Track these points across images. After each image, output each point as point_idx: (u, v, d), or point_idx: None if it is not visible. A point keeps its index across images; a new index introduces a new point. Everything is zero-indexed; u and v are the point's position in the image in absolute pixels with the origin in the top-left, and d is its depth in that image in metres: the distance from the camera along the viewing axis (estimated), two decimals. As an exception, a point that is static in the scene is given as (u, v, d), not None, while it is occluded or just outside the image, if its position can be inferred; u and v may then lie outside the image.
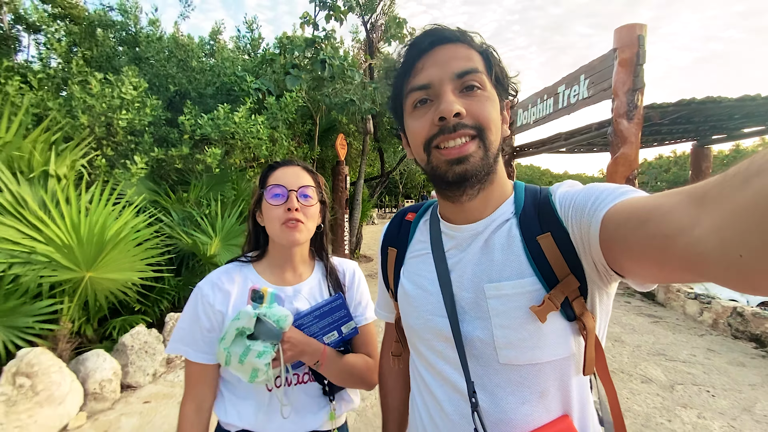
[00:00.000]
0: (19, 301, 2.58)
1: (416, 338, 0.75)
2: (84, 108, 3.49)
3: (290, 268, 1.04)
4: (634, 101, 6.21)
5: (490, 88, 0.63)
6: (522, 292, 0.60)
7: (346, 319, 1.00)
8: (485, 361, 0.63)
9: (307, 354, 0.92)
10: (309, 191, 0.99)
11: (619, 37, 6.40)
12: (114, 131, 3.99)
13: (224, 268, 1.04)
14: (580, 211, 0.56)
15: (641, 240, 0.45)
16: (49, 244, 2.66)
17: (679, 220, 0.39)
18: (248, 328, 0.85)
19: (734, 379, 3.40)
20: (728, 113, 7.09)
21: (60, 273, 2.72)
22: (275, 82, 5.61)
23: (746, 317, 4.21)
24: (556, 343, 0.60)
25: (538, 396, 0.61)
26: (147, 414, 2.82)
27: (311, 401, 1.00)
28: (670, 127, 8.25)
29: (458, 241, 0.69)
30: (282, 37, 5.99)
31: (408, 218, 0.83)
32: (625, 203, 0.50)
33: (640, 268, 0.49)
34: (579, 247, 0.57)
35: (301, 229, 0.97)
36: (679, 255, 0.39)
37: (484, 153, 0.61)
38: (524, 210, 0.65)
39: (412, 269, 0.76)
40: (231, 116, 4.20)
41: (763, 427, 2.69)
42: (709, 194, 0.37)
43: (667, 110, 6.47)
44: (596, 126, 7.54)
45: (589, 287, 0.59)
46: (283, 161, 1.05)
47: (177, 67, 5.19)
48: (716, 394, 3.13)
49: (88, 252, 2.77)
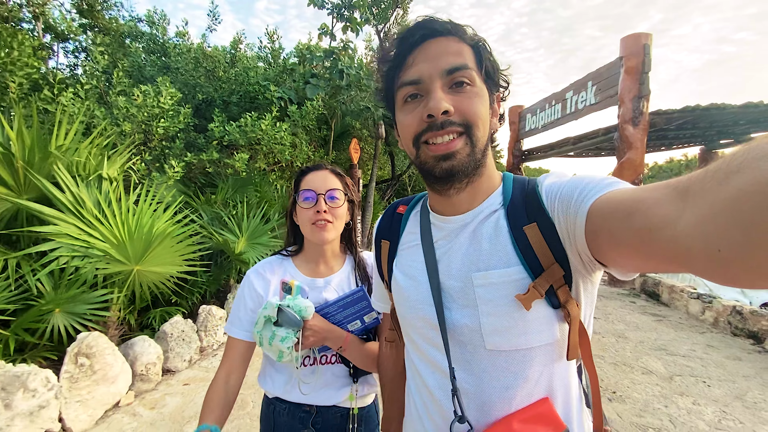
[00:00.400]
0: (79, 291, 2.90)
1: (408, 326, 0.77)
2: (127, 116, 3.83)
3: (323, 262, 1.15)
4: (639, 108, 6.42)
5: (480, 83, 0.64)
6: (508, 281, 0.62)
7: (368, 309, 1.06)
8: (473, 347, 0.65)
9: (330, 340, 1.03)
10: (336, 194, 1.09)
11: (625, 45, 6.63)
12: (150, 137, 4.33)
13: (269, 259, 1.18)
14: (566, 203, 0.57)
15: (626, 233, 0.46)
16: (105, 241, 2.99)
17: (663, 214, 0.40)
18: (272, 317, 0.98)
19: (730, 371, 3.61)
20: (733, 119, 7.25)
21: (113, 266, 3.04)
22: (295, 91, 5.94)
23: (745, 315, 4.41)
24: (541, 330, 0.62)
25: (522, 380, 0.63)
26: (187, 394, 3.12)
27: (336, 380, 1.11)
28: (676, 132, 8.42)
29: (447, 232, 0.71)
30: (302, 48, 6.32)
31: (399, 211, 0.85)
32: (610, 195, 0.51)
33: (624, 259, 0.50)
34: (564, 238, 0.59)
35: (329, 229, 1.07)
36: (663, 248, 0.40)
37: (471, 149, 0.63)
38: (512, 201, 0.66)
39: (403, 260, 0.79)
40: (258, 124, 4.52)
41: (752, 412, 2.90)
42: (692, 189, 0.37)
43: (672, 116, 6.66)
44: (603, 131, 7.75)
45: (574, 276, 0.61)
46: (313, 166, 1.14)
47: (204, 77, 5.53)
48: (711, 384, 3.34)
49: (138, 247, 3.09)
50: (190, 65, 5.56)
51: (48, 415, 2.47)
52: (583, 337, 0.63)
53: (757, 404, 3.03)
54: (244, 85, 5.73)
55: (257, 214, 4.90)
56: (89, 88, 3.96)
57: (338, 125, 8.24)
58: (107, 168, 3.29)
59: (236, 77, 5.66)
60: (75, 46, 7.69)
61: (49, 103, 3.68)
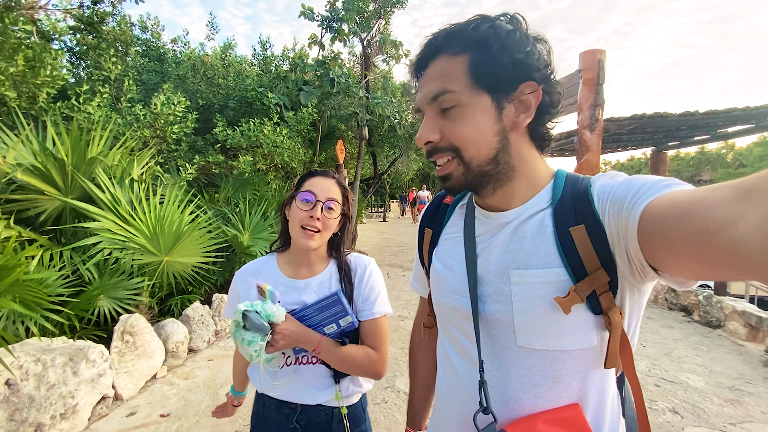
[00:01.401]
0: (120, 279, 3.32)
1: (443, 314, 0.79)
2: (145, 123, 4.21)
3: (305, 264, 1.16)
4: (595, 115, 7.28)
5: (470, 99, 0.61)
6: (547, 282, 0.61)
7: (343, 314, 1.07)
8: (503, 342, 0.65)
9: (302, 343, 1.05)
10: (333, 205, 1.10)
11: (583, 60, 7.46)
12: (164, 142, 4.71)
13: (256, 260, 1.23)
14: (619, 204, 0.55)
15: (682, 235, 0.43)
16: (140, 235, 3.41)
17: (723, 215, 0.38)
18: (239, 321, 1.01)
19: (662, 336, 4.42)
20: (675, 125, 8.28)
21: (146, 257, 3.47)
22: (288, 97, 6.40)
23: (678, 292, 5.28)
24: (578, 335, 0.60)
25: (551, 381, 0.62)
26: (213, 367, 3.60)
27: (319, 380, 1.12)
28: (629, 136, 9.44)
29: (489, 227, 0.71)
30: (295, 57, 6.78)
31: (446, 201, 0.86)
32: (667, 196, 0.49)
33: (679, 264, 0.48)
34: (614, 241, 0.57)
35: (315, 238, 1.08)
36: (721, 251, 0.38)
37: (465, 169, 0.63)
38: (561, 200, 0.64)
39: (443, 250, 0.79)
40: (260, 129, 4.98)
41: (676, 364, 3.68)
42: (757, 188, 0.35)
43: (623, 123, 7.58)
44: (565, 135, 8.61)
45: (620, 283, 0.59)
46: (322, 171, 1.16)
47: (203, 83, 5.91)
48: (647, 346, 4.13)
49: (168, 240, 3.53)
50: (189, 72, 5.92)
51: (104, 382, 2.90)
52: (624, 346, 0.61)
53: (681, 359, 3.82)
54: (241, 91, 6.14)
55: (258, 212, 5.36)
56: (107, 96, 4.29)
57: (325, 127, 8.73)
58: (134, 170, 3.69)
59: (234, 84, 6.07)
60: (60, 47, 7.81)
61: (71, 109, 4.03)
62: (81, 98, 3.88)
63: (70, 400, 2.64)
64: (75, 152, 3.17)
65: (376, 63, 9.38)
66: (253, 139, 5.03)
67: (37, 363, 2.50)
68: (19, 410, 2.35)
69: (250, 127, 5.02)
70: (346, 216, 1.18)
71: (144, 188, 3.64)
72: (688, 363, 3.70)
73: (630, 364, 0.61)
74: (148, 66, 6.44)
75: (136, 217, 3.46)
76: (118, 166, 3.59)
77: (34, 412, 2.42)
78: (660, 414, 2.84)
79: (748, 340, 4.18)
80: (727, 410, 2.88)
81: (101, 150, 3.49)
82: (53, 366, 2.58)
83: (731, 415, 2.81)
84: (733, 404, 2.96)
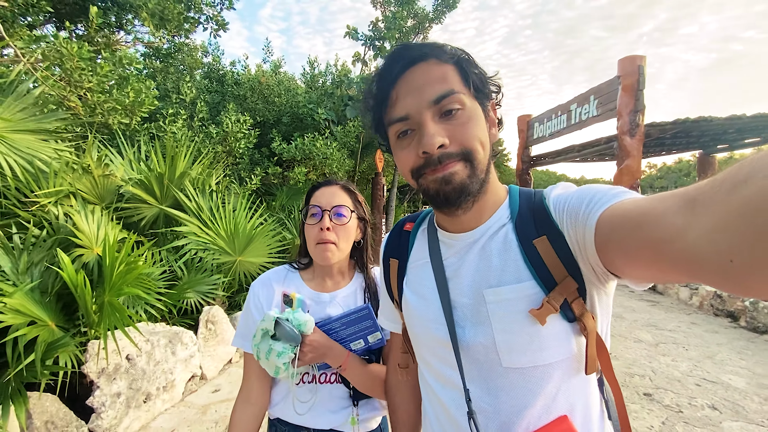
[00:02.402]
0: (203, 276, 3.86)
1: (422, 346, 0.76)
2: (218, 140, 4.82)
3: (329, 278, 1.11)
4: (635, 121, 7.29)
5: (471, 103, 0.62)
6: (521, 296, 0.61)
7: (373, 329, 1.02)
8: (489, 366, 0.64)
9: (329, 357, 0.98)
10: (343, 210, 1.04)
11: (622, 66, 7.51)
12: (227, 156, 5.32)
13: (276, 269, 1.15)
14: (575, 215, 0.57)
15: (636, 243, 0.45)
16: (218, 237, 3.95)
17: (672, 225, 0.39)
18: (270, 329, 0.93)
19: (706, 340, 4.46)
20: (722, 129, 8.08)
21: (223, 257, 4.00)
22: (334, 111, 6.92)
23: (724, 298, 5.25)
24: (558, 345, 0.61)
25: (541, 397, 0.62)
26: (278, 356, 4.06)
27: (335, 402, 1.05)
28: (672, 140, 9.27)
29: (456, 249, 0.70)
30: (339, 73, 7.32)
31: (406, 228, 0.84)
32: (618, 206, 0.51)
33: (635, 270, 0.50)
34: (575, 249, 0.58)
35: (332, 250, 1.02)
36: (674, 258, 0.40)
37: (472, 171, 0.62)
38: (519, 214, 0.65)
39: (413, 279, 0.78)
40: (313, 143, 5.49)
41: (718, 366, 3.76)
42: (700, 199, 0.37)
43: (665, 128, 7.54)
44: (605, 140, 8.61)
45: (588, 288, 0.60)
46: (324, 181, 1.11)
47: (261, 102, 6.53)
48: (689, 349, 4.20)
49: (241, 242, 4.06)
50: (248, 92, 6.57)
51: (194, 362, 3.41)
52: (601, 349, 0.62)
53: (723, 361, 3.89)
54: (293, 107, 6.72)
55: (310, 218, 5.86)
56: (185, 117, 4.94)
57: (365, 138, 9.24)
58: (212, 181, 4.26)
59: (287, 101, 6.66)
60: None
61: (158, 129, 4.69)
62: (167, 120, 4.53)
63: (170, 375, 3.16)
64: (169, 168, 3.76)
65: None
66: (306, 152, 5.55)
67: (147, 342, 3.03)
68: (136, 380, 2.88)
69: (305, 141, 5.55)
70: (364, 221, 1.13)
71: (220, 197, 4.19)
72: (731, 365, 3.77)
73: (608, 366, 0.63)
74: (210, 87, 7.18)
75: (215, 222, 4.01)
76: (199, 178, 4.16)
77: (145, 383, 2.94)
78: (699, 410, 2.99)
79: (797, 345, 4.16)
80: (767, 408, 2.98)
81: (185, 165, 4.08)
82: (159, 346, 3.11)
83: (772, 413, 2.92)
84: (775, 403, 3.05)
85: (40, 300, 2.46)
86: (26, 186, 2.80)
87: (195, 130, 5.31)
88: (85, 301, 2.47)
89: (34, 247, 2.67)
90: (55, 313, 2.52)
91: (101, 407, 2.57)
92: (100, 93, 3.07)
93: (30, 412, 2.19)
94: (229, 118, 4.90)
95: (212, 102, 6.76)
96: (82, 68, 2.79)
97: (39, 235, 2.71)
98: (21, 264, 2.54)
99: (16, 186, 2.78)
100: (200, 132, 5.16)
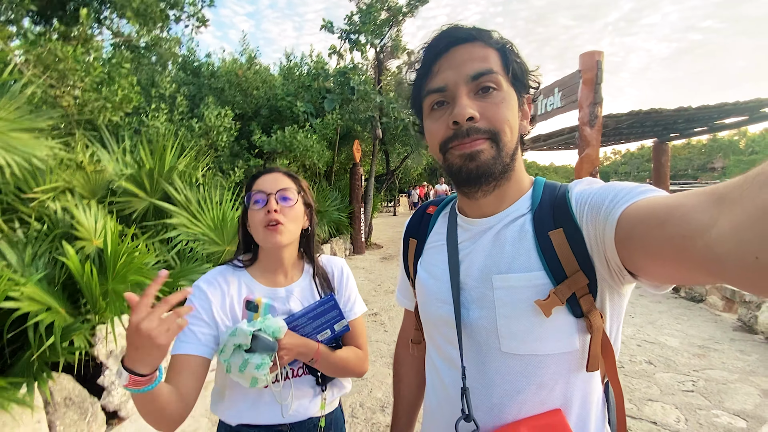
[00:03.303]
0: (194, 265, 4.06)
1: (429, 324, 0.79)
2: (200, 134, 4.95)
3: (281, 272, 1.08)
4: (594, 112, 7.85)
5: (507, 87, 0.64)
6: (528, 285, 0.62)
7: (338, 318, 1.04)
8: (487, 348, 0.66)
9: (303, 354, 0.98)
10: (288, 193, 1.03)
11: (583, 61, 8.03)
12: (209, 149, 5.45)
13: (218, 269, 1.07)
14: (596, 209, 0.57)
15: (659, 240, 0.45)
16: (206, 228, 4.16)
17: (698, 221, 0.39)
18: (245, 344, 0.89)
19: (650, 309, 5.07)
20: (672, 119, 8.81)
21: (212, 247, 4.22)
22: (312, 104, 7.10)
23: (667, 273, 5.90)
24: (560, 338, 0.61)
25: (535, 387, 0.63)
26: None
27: (304, 393, 1.05)
28: (629, 129, 9.98)
29: (471, 234, 0.72)
30: (315, 67, 7.48)
31: (429, 211, 0.86)
32: (644, 202, 0.50)
33: (655, 268, 0.50)
34: (592, 245, 0.58)
35: (281, 231, 0.99)
36: (697, 256, 0.39)
37: (497, 153, 0.63)
38: (540, 206, 0.66)
39: (428, 259, 0.81)
40: (294, 135, 5.70)
41: (657, 329, 4.33)
42: (729, 195, 0.37)
43: (621, 119, 8.16)
44: (568, 130, 9.18)
45: (599, 285, 0.60)
46: (265, 169, 1.09)
47: (239, 94, 6.64)
48: (634, 317, 4.78)
49: (229, 232, 4.28)
50: (226, 85, 6.65)
51: (191, 345, 3.65)
52: (606, 349, 0.62)
53: (663, 326, 4.47)
54: (271, 100, 6.86)
55: (292, 208, 6.10)
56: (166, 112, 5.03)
57: (343, 129, 9.45)
58: (198, 174, 4.44)
59: (264, 94, 6.78)
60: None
61: (140, 124, 4.78)
62: (149, 115, 4.62)
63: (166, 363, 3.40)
64: (157, 162, 3.91)
65: (389, 67, 10.04)
66: (287, 144, 5.75)
67: (148, 327, 3.26)
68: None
69: (285, 134, 5.74)
70: (310, 208, 1.13)
71: (206, 189, 4.38)
72: (668, 329, 4.36)
73: (613, 367, 0.63)
74: (186, 80, 7.19)
75: (203, 214, 4.20)
76: (186, 171, 4.33)
77: (148, 364, 3.18)
78: (637, 365, 3.51)
79: (724, 311, 4.80)
80: (694, 361, 3.54)
81: (172, 159, 4.23)
82: (158, 330, 3.34)
83: (696, 365, 3.47)
84: (699, 357, 3.62)
85: (49, 289, 2.64)
86: (24, 183, 2.94)
87: (176, 123, 5.41)
88: (92, 290, 2.67)
89: (36, 241, 2.83)
90: (63, 301, 2.71)
91: (111, 386, 2.80)
92: (91, 92, 3.20)
93: (51, 389, 2.41)
94: (211, 112, 5.03)
95: (189, 94, 6.80)
96: (76, 69, 2.91)
97: (40, 230, 2.87)
98: (26, 257, 2.71)
99: (15, 183, 2.91)
100: (181, 126, 5.26)
